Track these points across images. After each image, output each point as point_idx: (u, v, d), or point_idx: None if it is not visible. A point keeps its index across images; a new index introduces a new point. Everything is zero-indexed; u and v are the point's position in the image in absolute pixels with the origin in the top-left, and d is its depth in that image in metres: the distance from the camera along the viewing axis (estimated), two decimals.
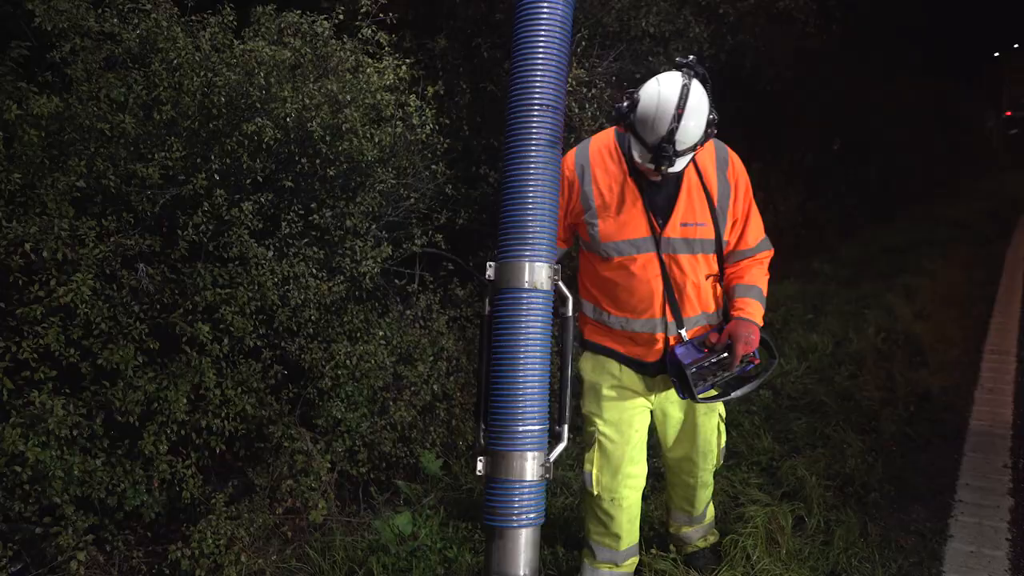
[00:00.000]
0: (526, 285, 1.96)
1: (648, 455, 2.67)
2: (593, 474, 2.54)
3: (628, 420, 2.52)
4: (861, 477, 3.64)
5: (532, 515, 1.91)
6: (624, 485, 2.54)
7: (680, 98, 2.04)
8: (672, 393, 2.50)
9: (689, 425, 2.59)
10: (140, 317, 2.83)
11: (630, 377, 2.51)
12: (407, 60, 3.73)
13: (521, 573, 1.88)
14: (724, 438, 2.67)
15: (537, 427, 1.93)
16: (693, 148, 2.12)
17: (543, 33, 1.99)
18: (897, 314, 6.50)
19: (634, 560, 2.71)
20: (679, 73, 2.10)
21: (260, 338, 3.11)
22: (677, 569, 2.77)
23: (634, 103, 2.13)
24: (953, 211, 14.11)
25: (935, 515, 3.40)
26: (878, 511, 3.40)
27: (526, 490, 1.90)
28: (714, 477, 2.78)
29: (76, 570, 2.49)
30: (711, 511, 2.88)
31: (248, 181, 3.18)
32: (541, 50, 1.99)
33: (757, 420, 4.28)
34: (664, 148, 2.06)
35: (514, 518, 1.88)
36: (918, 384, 4.92)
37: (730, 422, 4.28)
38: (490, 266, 2.04)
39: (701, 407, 2.54)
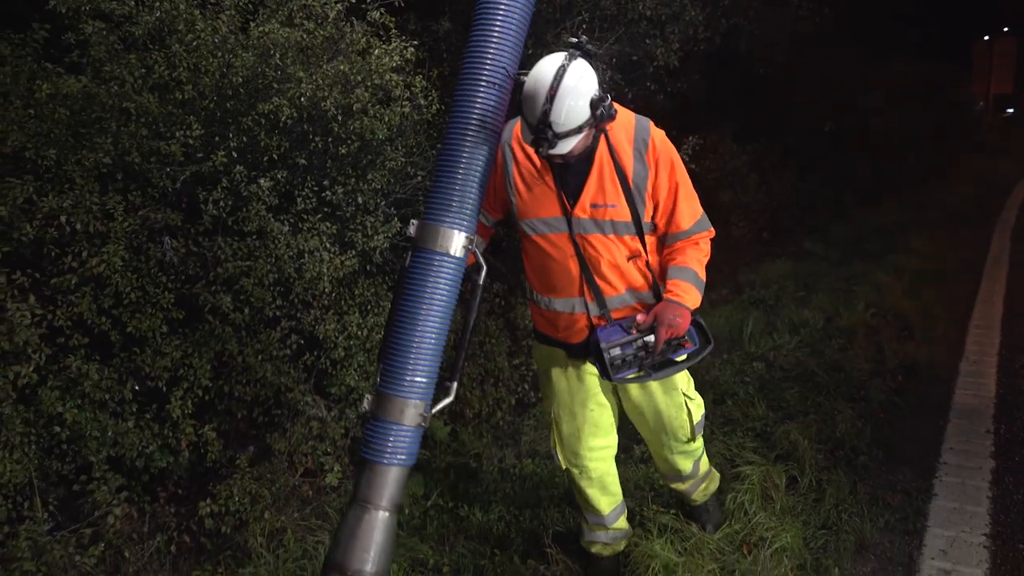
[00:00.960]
0: (440, 249, 2.03)
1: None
2: (558, 451, 2.63)
3: (582, 401, 2.53)
4: (851, 441, 3.80)
5: (402, 456, 2.01)
6: (588, 459, 2.57)
7: (554, 79, 1.98)
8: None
9: (650, 407, 2.56)
10: (167, 287, 2.96)
11: (574, 361, 2.51)
12: (413, 42, 3.84)
13: (383, 504, 1.98)
14: (698, 412, 2.64)
15: (424, 379, 2.03)
16: (578, 130, 2.05)
17: (500, 16, 2.05)
18: (886, 291, 6.65)
19: (623, 515, 2.80)
20: (563, 54, 2.04)
21: (278, 308, 3.24)
22: (679, 523, 2.93)
23: (520, 84, 2.09)
24: (943, 193, 14.27)
25: (920, 476, 3.57)
26: (867, 472, 3.57)
27: (402, 433, 2.00)
28: (708, 443, 2.83)
29: (113, 524, 2.64)
30: (704, 463, 2.91)
31: (264, 159, 3.29)
32: (496, 31, 2.05)
33: (751, 389, 4.43)
34: (542, 130, 2.02)
35: (386, 456, 1.99)
36: (906, 357, 5.08)
37: (725, 391, 4.45)
38: (412, 223, 2.11)
39: (659, 387, 2.52)
